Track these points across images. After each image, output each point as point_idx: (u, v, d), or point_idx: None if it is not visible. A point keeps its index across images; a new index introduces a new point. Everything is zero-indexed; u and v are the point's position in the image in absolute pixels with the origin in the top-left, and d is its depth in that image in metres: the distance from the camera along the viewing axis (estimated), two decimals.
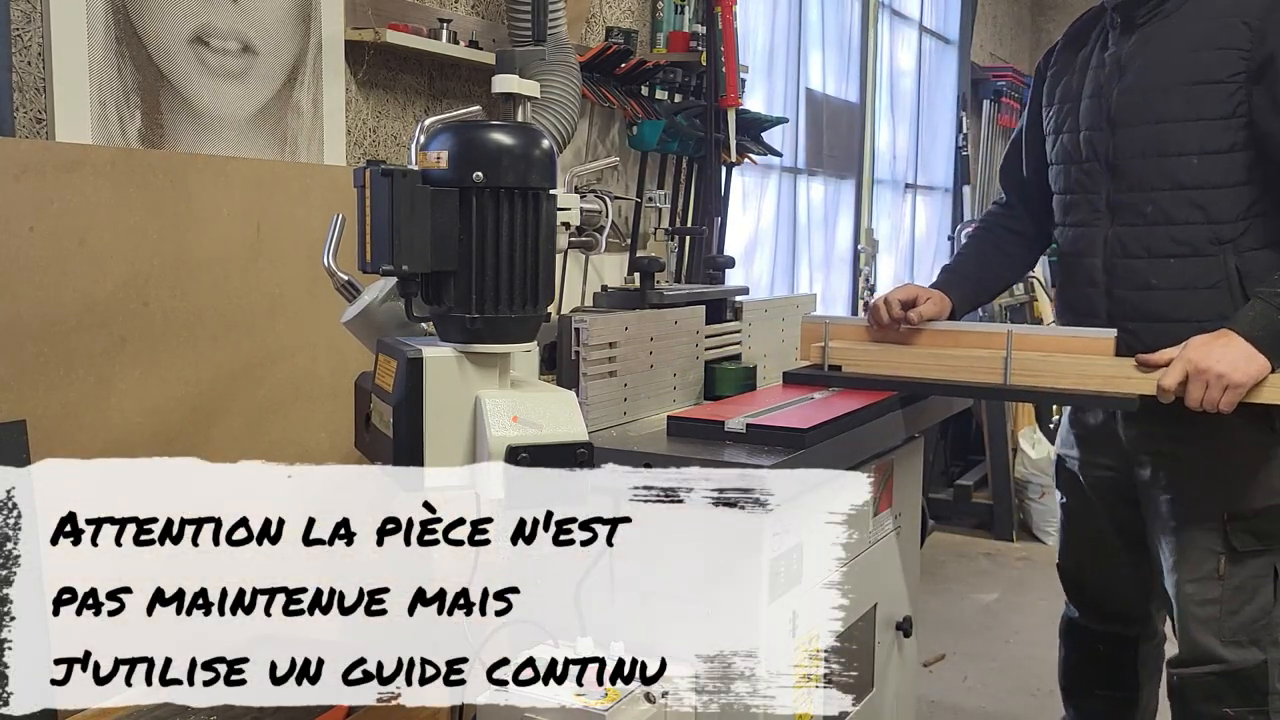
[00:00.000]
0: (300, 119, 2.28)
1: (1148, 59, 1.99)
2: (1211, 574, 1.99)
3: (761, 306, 2.29)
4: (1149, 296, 1.99)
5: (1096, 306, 2.06)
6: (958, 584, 4.50)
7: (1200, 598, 2.00)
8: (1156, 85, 1.97)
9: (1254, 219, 1.93)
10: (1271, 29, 1.87)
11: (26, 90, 1.81)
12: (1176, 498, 2.02)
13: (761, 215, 4.54)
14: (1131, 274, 2.01)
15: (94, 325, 1.77)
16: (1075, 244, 2.11)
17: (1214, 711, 2.01)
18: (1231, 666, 1.99)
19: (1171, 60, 1.96)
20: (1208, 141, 1.92)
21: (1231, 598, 1.98)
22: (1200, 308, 1.94)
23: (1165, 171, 1.96)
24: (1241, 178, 1.92)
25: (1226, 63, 1.90)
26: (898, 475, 2.17)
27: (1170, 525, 2.03)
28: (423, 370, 1.28)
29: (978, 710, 3.34)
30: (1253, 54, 1.88)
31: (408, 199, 1.26)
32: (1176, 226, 1.96)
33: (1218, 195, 1.93)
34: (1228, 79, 1.90)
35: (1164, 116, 1.96)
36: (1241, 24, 1.89)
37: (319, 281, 1.60)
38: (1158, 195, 1.97)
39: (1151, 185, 1.98)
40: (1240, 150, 1.91)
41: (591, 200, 2.01)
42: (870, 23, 5.43)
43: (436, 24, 2.53)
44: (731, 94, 3.46)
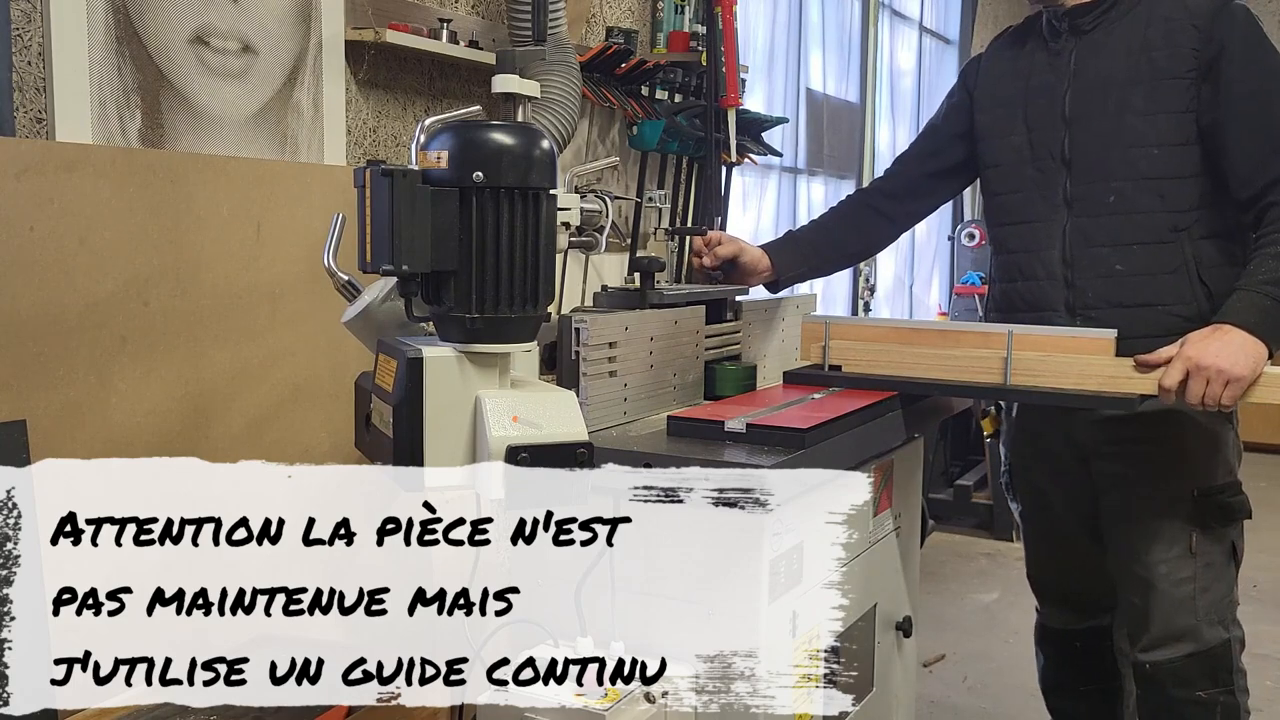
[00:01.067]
0: (300, 119, 2.28)
1: (1101, 59, 2.08)
2: (1184, 552, 2.06)
3: (762, 306, 2.29)
4: (1114, 284, 2.05)
5: (1053, 299, 2.12)
6: (958, 584, 4.50)
7: (1175, 576, 2.07)
8: (1114, 81, 2.06)
9: (1204, 209, 2.03)
10: (1217, 29, 1.98)
11: (27, 90, 1.81)
12: (1144, 480, 2.09)
13: (762, 215, 4.54)
14: (1095, 263, 2.07)
15: (94, 325, 1.77)
16: (1027, 240, 2.16)
17: (1187, 695, 2.07)
18: (1202, 647, 2.06)
19: (1128, 59, 2.06)
20: (1166, 134, 2.02)
21: (1204, 574, 2.06)
22: (1164, 293, 2.03)
23: (1128, 160, 2.04)
24: (1195, 170, 2.02)
25: (1181, 59, 2.01)
26: (898, 475, 2.17)
27: (1139, 510, 2.10)
28: (423, 370, 1.28)
29: (978, 710, 3.34)
30: (1201, 52, 1.99)
31: (408, 199, 1.26)
32: (1140, 215, 2.04)
33: (1175, 185, 2.03)
34: (1183, 74, 2.00)
35: (1124, 109, 2.04)
36: (1190, 26, 2.01)
37: (319, 281, 1.61)
38: (1120, 185, 2.05)
39: (1113, 176, 2.06)
40: (1193, 144, 2.02)
41: (592, 200, 2.01)
42: (870, 23, 5.43)
43: (437, 24, 2.53)
44: (732, 94, 3.46)
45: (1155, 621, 2.09)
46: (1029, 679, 3.54)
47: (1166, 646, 2.08)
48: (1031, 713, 3.31)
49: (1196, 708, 2.07)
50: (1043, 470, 2.31)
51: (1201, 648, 2.06)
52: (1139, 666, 2.13)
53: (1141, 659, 2.12)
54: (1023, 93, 2.18)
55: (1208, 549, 2.06)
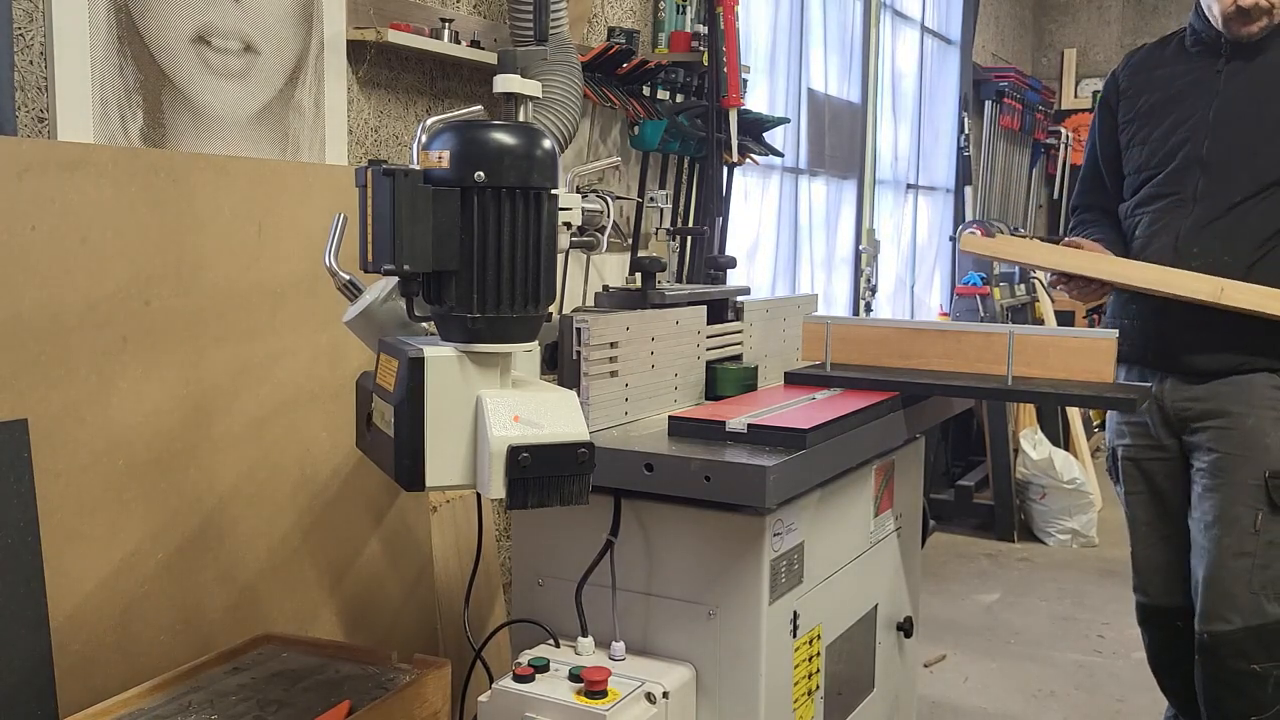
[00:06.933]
0: (302, 118, 2.28)
1: (1253, 74, 2.33)
2: (1249, 528, 2.21)
3: (763, 307, 2.29)
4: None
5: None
6: (958, 585, 4.50)
7: (1236, 550, 2.22)
8: (1263, 96, 2.32)
9: None
10: None
11: (28, 89, 1.81)
12: (1223, 457, 2.27)
13: (763, 215, 4.54)
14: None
15: (95, 324, 1.77)
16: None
17: (1242, 667, 2.22)
18: (1259, 621, 2.19)
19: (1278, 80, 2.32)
20: None
21: (1265, 551, 2.20)
22: None
23: (1256, 169, 2.27)
24: None
25: None
26: (899, 476, 2.17)
27: (1215, 483, 2.26)
28: (424, 370, 1.28)
29: (978, 711, 3.34)
30: None
31: (409, 199, 1.26)
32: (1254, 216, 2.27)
33: None
34: None
35: (1265, 119, 2.29)
36: None
37: (320, 281, 1.61)
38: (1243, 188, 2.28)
39: (1239, 180, 2.29)
40: None
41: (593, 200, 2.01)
42: (872, 23, 5.43)
43: (438, 24, 2.53)
44: (733, 94, 3.46)
45: (1213, 591, 2.22)
46: (1030, 680, 3.54)
47: (1223, 619, 2.21)
48: (1032, 714, 3.31)
49: (1251, 679, 2.20)
50: (1142, 446, 2.47)
51: (1258, 621, 2.19)
52: (1199, 636, 2.26)
53: (1200, 629, 2.25)
54: (1174, 104, 2.41)
55: (1273, 528, 2.20)
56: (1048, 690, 3.48)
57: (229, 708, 1.67)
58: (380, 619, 2.26)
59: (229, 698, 1.70)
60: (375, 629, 2.25)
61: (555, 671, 1.62)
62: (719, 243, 3.57)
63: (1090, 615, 4.12)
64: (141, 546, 1.83)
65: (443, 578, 2.41)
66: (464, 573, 2.39)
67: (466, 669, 1.93)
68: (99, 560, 1.76)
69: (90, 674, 1.74)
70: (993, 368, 2.01)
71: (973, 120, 6.63)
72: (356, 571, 2.22)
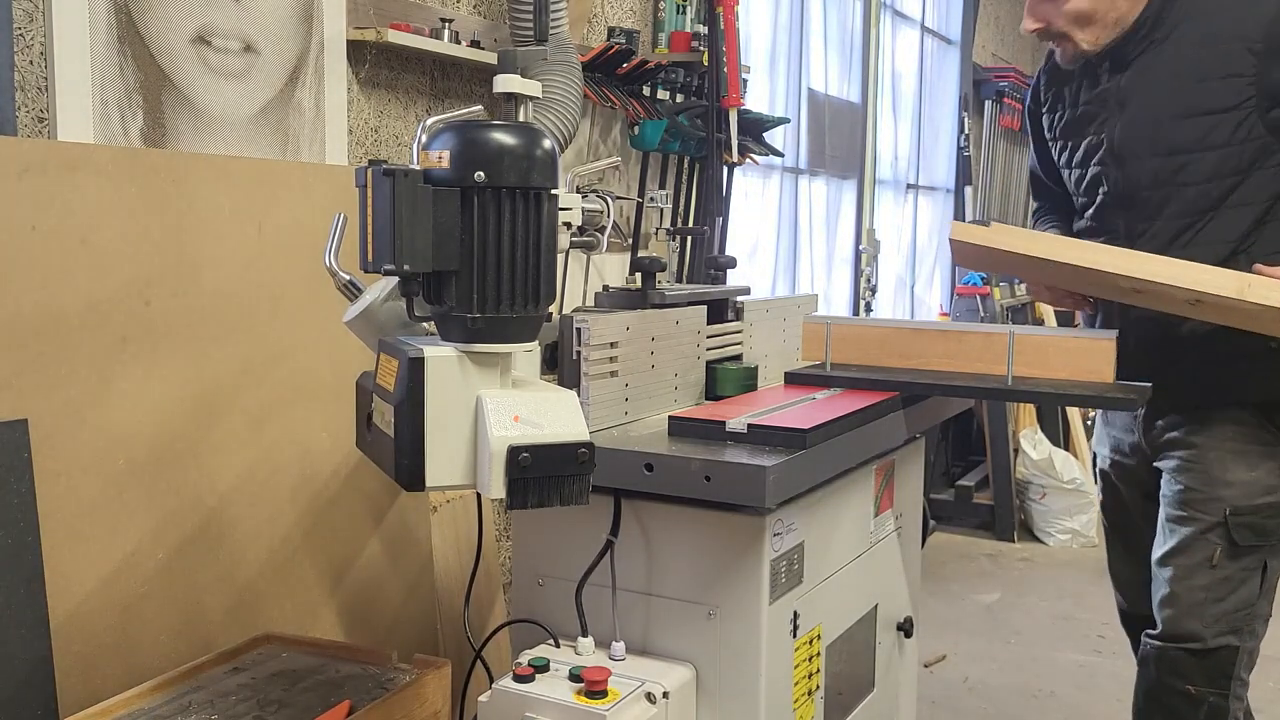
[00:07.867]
0: (302, 118, 2.28)
1: (1149, 91, 2.07)
2: (1205, 562, 2.12)
3: (763, 306, 2.29)
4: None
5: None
6: (959, 585, 4.50)
7: (1189, 582, 2.13)
8: (1163, 117, 2.05)
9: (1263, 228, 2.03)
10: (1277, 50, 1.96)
11: (28, 89, 1.81)
12: (1185, 490, 2.15)
13: (763, 216, 4.54)
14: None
15: (95, 324, 1.77)
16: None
17: (1177, 686, 2.14)
18: (1204, 647, 2.11)
19: (1177, 91, 2.04)
20: (1220, 168, 2.01)
21: (1219, 586, 2.11)
22: None
23: (1183, 199, 2.05)
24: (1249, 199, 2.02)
25: (1235, 90, 1.98)
26: (899, 476, 2.17)
27: (1176, 514, 2.17)
28: (424, 370, 1.28)
29: (978, 711, 3.34)
30: (1259, 79, 1.97)
31: (409, 199, 1.26)
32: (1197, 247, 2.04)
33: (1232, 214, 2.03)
34: (1237, 106, 1.99)
35: (1175, 148, 2.04)
36: (1245, 50, 1.98)
37: (320, 281, 1.60)
38: (1173, 223, 2.06)
39: (1166, 214, 2.07)
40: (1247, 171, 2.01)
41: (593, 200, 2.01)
42: (872, 23, 5.42)
43: (438, 24, 2.53)
44: (733, 94, 3.46)
45: (1164, 614, 2.16)
46: (1030, 680, 3.54)
47: (1172, 639, 2.15)
48: (1032, 714, 3.31)
49: (1183, 699, 2.13)
50: (1117, 460, 2.40)
51: (1204, 648, 2.11)
52: (1144, 646, 2.21)
53: (1147, 639, 2.20)
54: (1076, 125, 2.20)
55: (1229, 564, 2.11)
56: (1048, 690, 3.48)
57: (229, 708, 1.67)
58: (380, 619, 2.26)
59: (229, 698, 1.70)
60: (375, 629, 2.25)
61: (555, 671, 1.62)
62: (719, 243, 3.57)
63: (1090, 615, 4.12)
64: (141, 546, 1.83)
65: (443, 578, 2.41)
66: (464, 573, 2.39)
67: (466, 669, 1.93)
68: (99, 560, 1.76)
69: (90, 674, 1.74)
70: (993, 368, 2.01)
71: (973, 120, 6.63)
72: (356, 571, 2.22)
